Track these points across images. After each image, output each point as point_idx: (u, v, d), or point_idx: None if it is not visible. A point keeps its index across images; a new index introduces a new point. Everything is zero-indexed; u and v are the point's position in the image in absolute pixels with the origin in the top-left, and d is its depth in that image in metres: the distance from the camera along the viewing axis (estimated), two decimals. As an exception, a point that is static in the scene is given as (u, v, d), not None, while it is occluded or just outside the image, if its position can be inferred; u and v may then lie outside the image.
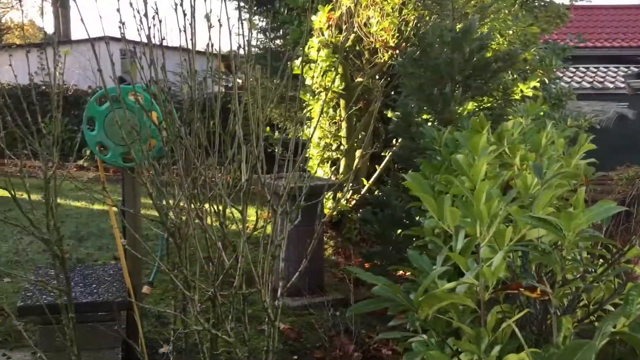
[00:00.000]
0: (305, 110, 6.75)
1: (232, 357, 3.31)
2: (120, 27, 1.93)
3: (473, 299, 1.68)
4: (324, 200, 4.69)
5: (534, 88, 5.04)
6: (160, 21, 1.69)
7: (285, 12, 7.82)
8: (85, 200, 7.43)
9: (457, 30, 3.94)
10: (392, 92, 6.71)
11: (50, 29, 30.61)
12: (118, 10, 1.76)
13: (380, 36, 5.89)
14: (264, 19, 9.23)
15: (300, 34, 7.53)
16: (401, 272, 4.46)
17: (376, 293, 1.69)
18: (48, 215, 1.93)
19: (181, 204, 1.87)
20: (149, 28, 1.70)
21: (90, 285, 3.15)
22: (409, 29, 5.78)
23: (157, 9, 1.67)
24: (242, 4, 9.57)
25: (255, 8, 9.60)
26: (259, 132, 1.53)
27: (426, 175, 2.57)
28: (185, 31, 1.65)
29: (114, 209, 3.26)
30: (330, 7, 6.24)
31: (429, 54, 4.03)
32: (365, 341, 3.78)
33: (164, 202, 1.87)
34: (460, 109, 3.86)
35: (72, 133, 11.10)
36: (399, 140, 5.23)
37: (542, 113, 4.49)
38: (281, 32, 8.35)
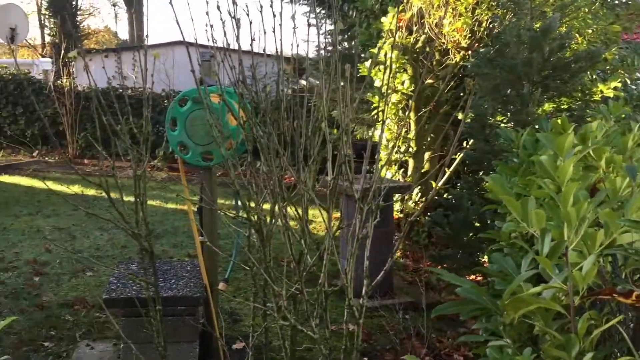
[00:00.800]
0: (373, 112, 6.75)
1: (304, 355, 3.35)
2: (207, 31, 1.98)
3: (558, 304, 1.63)
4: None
5: (615, 89, 4.83)
6: (250, 22, 1.73)
7: (354, 14, 7.85)
8: (160, 199, 7.69)
9: (535, 29, 3.83)
10: (462, 94, 6.61)
11: (124, 34, 31.92)
12: (207, 13, 1.82)
13: (452, 37, 5.81)
14: (332, 22, 9.29)
15: (369, 36, 7.54)
16: (472, 276, 4.38)
17: (461, 295, 1.67)
18: (137, 211, 2.01)
19: (264, 204, 1.91)
20: (238, 29, 1.75)
21: (169, 280, 3.26)
22: (482, 29, 5.68)
23: (247, 11, 1.71)
24: (312, 7, 9.66)
25: (322, 11, 9.68)
26: (349, 131, 1.54)
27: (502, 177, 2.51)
28: (275, 32, 1.68)
29: (190, 206, 3.36)
30: (400, 8, 6.22)
31: (505, 54, 3.94)
32: (437, 345, 3.74)
33: (248, 200, 1.91)
34: (539, 110, 3.76)
35: (147, 134, 11.50)
36: (470, 142, 5.13)
37: (623, 115, 4.29)
38: (347, 35, 8.37)
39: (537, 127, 3.09)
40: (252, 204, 1.93)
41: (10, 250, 5.18)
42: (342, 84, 1.60)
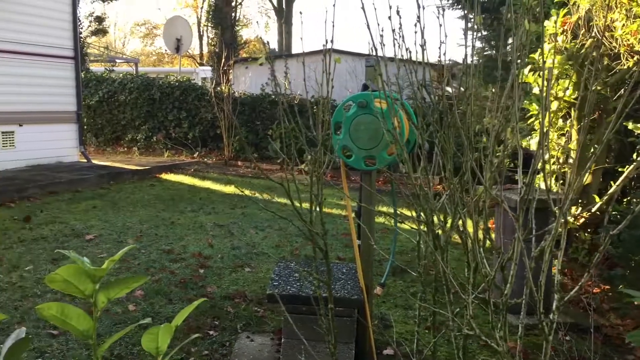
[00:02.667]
0: (530, 121, 6.45)
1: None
2: (374, 38, 2.00)
3: None
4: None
5: None
6: (422, 29, 1.73)
7: (512, 18, 7.55)
8: (308, 202, 7.93)
9: None
10: (632, 102, 6.09)
11: (273, 43, 33.58)
12: (390, 18, 1.84)
13: (626, 40, 5.38)
14: (488, 28, 9.05)
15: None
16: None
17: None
18: (312, 210, 2.08)
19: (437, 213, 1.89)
20: (422, 33, 1.75)
21: (327, 281, 3.33)
22: (661, 31, 5.20)
23: (421, 19, 1.71)
24: (466, 12, 9.46)
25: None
26: (546, 137, 1.47)
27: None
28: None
29: (350, 210, 3.42)
30: (565, 11, 5.89)
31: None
32: (602, 373, 3.47)
33: (421, 206, 1.90)
34: None
35: (296, 139, 11.97)
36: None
37: None
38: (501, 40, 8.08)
39: None
40: (421, 213, 1.91)
41: (178, 243, 5.63)
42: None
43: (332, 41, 1.99)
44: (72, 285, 1.28)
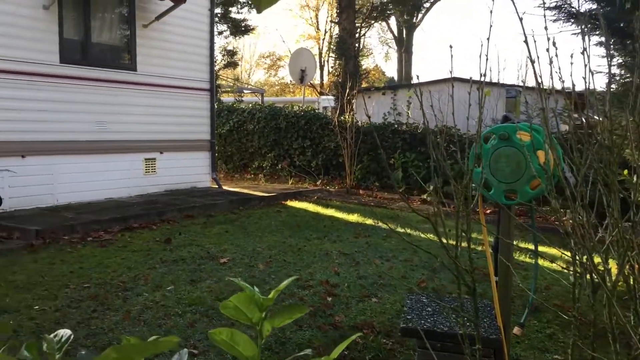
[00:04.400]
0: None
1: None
2: (528, 67, 1.93)
3: None
4: None
5: None
6: (588, 59, 1.65)
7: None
8: (432, 232, 7.78)
9: None
10: None
11: (391, 72, 33.77)
12: (547, 50, 1.78)
13: None
14: (625, 54, 8.50)
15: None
16: None
17: None
18: (457, 246, 2.03)
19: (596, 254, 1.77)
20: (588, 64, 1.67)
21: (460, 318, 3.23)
22: None
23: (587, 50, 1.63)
24: (603, 39, 8.97)
25: (617, 41, 8.91)
26: None
27: None
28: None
29: (487, 244, 3.30)
30: None
31: None
32: None
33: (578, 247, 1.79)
34: None
35: (417, 168, 11.90)
36: None
37: None
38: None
39: None
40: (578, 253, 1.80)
41: (306, 269, 5.73)
42: None
43: (485, 75, 1.95)
44: (241, 312, 1.34)
